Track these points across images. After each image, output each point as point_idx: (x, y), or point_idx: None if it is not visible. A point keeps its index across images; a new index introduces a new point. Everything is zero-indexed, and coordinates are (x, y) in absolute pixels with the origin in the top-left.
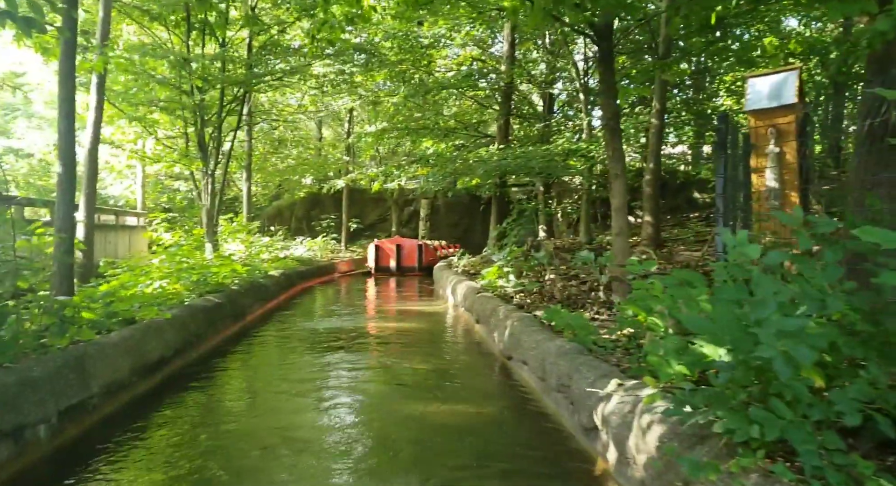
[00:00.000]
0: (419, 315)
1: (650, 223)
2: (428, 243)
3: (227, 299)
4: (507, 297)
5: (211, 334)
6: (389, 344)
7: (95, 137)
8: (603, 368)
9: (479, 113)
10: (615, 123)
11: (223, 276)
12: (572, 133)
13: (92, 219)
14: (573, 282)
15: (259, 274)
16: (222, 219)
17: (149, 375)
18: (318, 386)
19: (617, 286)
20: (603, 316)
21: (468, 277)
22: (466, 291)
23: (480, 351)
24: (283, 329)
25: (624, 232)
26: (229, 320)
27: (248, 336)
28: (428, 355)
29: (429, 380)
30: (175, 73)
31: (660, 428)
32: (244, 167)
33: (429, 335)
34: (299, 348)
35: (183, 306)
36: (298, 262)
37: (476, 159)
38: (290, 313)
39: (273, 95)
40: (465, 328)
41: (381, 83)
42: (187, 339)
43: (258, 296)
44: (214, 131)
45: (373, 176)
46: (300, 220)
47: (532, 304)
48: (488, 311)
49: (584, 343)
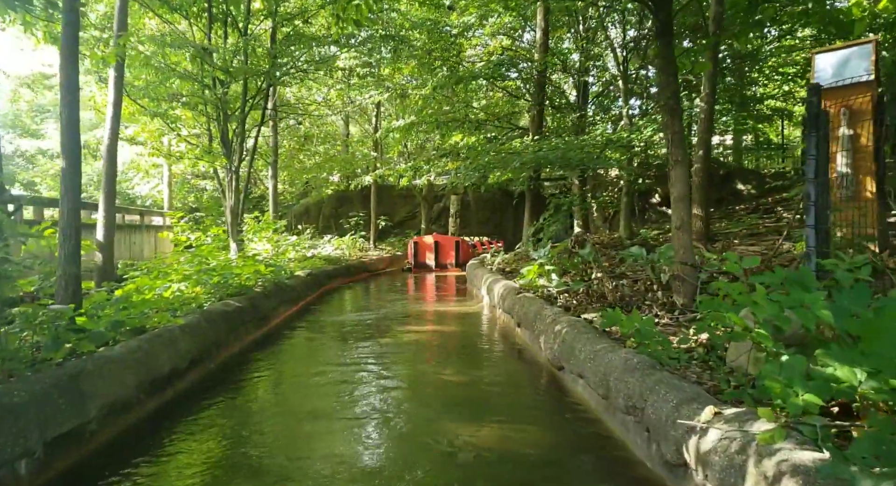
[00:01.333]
0: (453, 317)
1: (699, 216)
2: (466, 239)
3: (249, 302)
4: (550, 298)
5: (232, 341)
6: (424, 351)
7: (114, 133)
8: (686, 388)
9: (510, 104)
10: (675, 102)
11: (246, 277)
12: (608, 123)
13: (112, 218)
14: (623, 281)
15: (284, 275)
16: (248, 218)
17: (159, 391)
18: (346, 403)
19: (679, 286)
20: (664, 319)
21: (503, 275)
22: (504, 291)
23: (524, 359)
24: (309, 335)
25: (686, 225)
26: (252, 326)
27: (272, 343)
28: (466, 365)
29: (470, 395)
30: (196, 67)
31: (796, 482)
32: (270, 164)
33: (465, 340)
34: (326, 355)
35: (200, 312)
36: (326, 261)
37: (510, 151)
38: (315, 317)
39: (299, 90)
40: (504, 332)
41: (408, 77)
42: (204, 348)
43: (283, 298)
44: (238, 127)
45: (401, 171)
46: (328, 218)
47: (579, 306)
48: (531, 314)
49: (656, 356)
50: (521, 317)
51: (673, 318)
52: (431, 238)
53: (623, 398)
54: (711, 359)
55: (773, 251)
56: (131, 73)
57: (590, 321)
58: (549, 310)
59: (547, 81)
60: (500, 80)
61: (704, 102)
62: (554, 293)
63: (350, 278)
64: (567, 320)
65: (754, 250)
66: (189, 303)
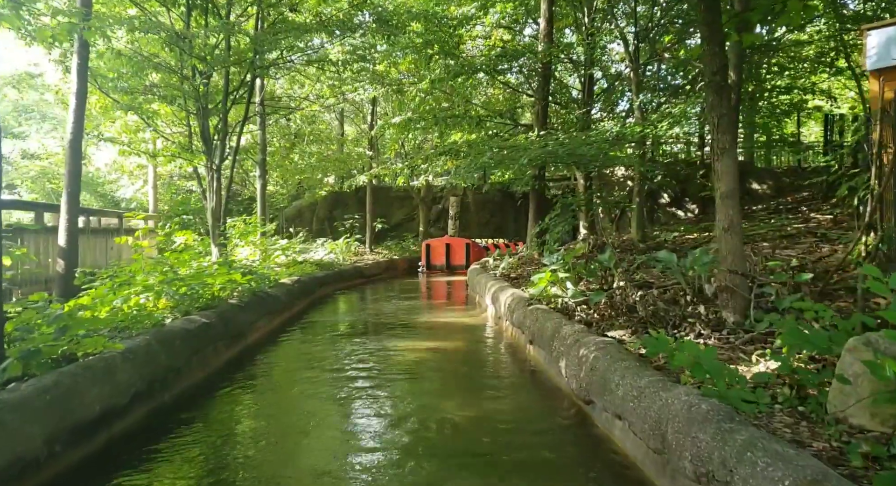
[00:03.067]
0: (455, 331)
1: None
2: (477, 241)
3: (219, 316)
4: (566, 310)
5: (195, 366)
6: (422, 375)
7: (78, 126)
8: (798, 460)
9: (512, 100)
10: (722, 78)
11: (219, 287)
12: (617, 120)
13: (75, 221)
14: (653, 291)
15: (269, 283)
16: (236, 220)
17: (85, 439)
18: (333, 450)
19: (727, 299)
20: (711, 340)
21: (509, 281)
22: (512, 301)
23: (540, 386)
24: (292, 353)
25: (736, 227)
26: (223, 345)
27: (245, 366)
28: (472, 396)
29: (479, 439)
30: (173, 56)
31: None
32: (257, 163)
33: (470, 361)
34: (310, 380)
35: (154, 331)
36: (317, 266)
37: (514, 147)
38: (301, 331)
39: (290, 86)
40: (514, 349)
41: (404, 74)
42: (155, 377)
43: (264, 310)
44: (220, 123)
45: (397, 170)
46: (322, 221)
47: (603, 321)
48: (548, 331)
49: (729, 399)
50: (535, 334)
51: (722, 338)
52: (443, 241)
53: (691, 461)
54: (807, 405)
55: (814, 256)
56: (105, 64)
57: (620, 341)
58: (569, 327)
59: (551, 74)
60: (501, 74)
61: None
62: (571, 305)
63: (344, 284)
64: (594, 341)
65: (788, 254)
66: (143, 320)
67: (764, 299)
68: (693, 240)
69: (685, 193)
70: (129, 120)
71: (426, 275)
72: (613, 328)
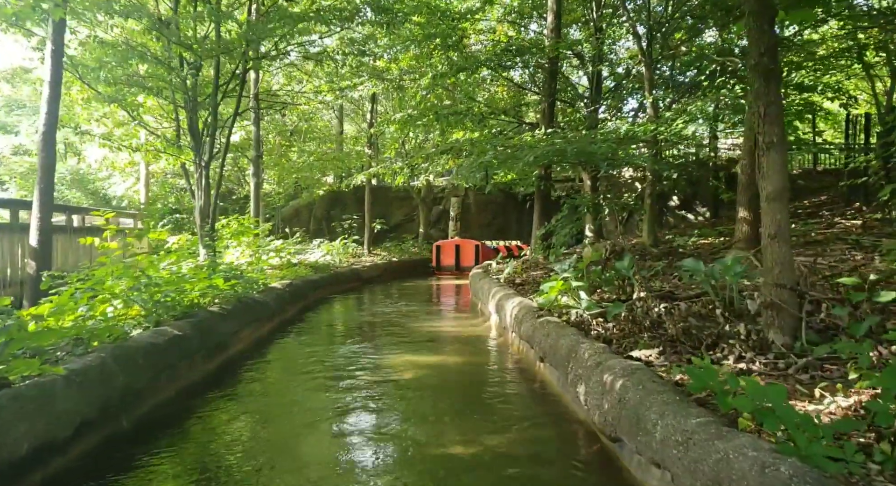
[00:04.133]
0: (456, 343)
1: (746, 220)
2: (487, 243)
3: (196, 327)
4: (581, 325)
5: (163, 384)
6: (419, 398)
7: (52, 118)
8: None
9: (517, 98)
10: (771, 60)
11: (199, 293)
12: (626, 119)
13: (48, 219)
14: (679, 304)
15: (257, 287)
16: (230, 219)
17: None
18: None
19: (773, 317)
20: (755, 365)
21: (513, 288)
22: (520, 311)
23: (554, 415)
24: (277, 367)
25: (784, 233)
26: (200, 358)
27: (226, 381)
28: (475, 424)
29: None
30: (161, 46)
31: None
32: (251, 160)
33: (473, 382)
34: (293, 405)
35: (111, 348)
36: (313, 269)
37: (520, 145)
38: (290, 340)
39: (287, 82)
40: (522, 367)
41: (405, 70)
42: (109, 401)
43: (250, 317)
44: (209, 117)
45: (396, 169)
46: (319, 221)
47: (624, 337)
48: (562, 349)
49: (811, 458)
50: (547, 351)
51: (769, 363)
52: (452, 242)
53: None
54: None
55: (848, 265)
56: (89, 53)
57: (647, 364)
58: (587, 345)
59: (558, 71)
60: (505, 69)
61: None
62: (586, 317)
63: (340, 287)
64: (619, 365)
65: (820, 263)
66: (103, 334)
67: (815, 317)
68: (709, 245)
69: (695, 196)
70: (119, 115)
71: (441, 274)
72: (637, 347)
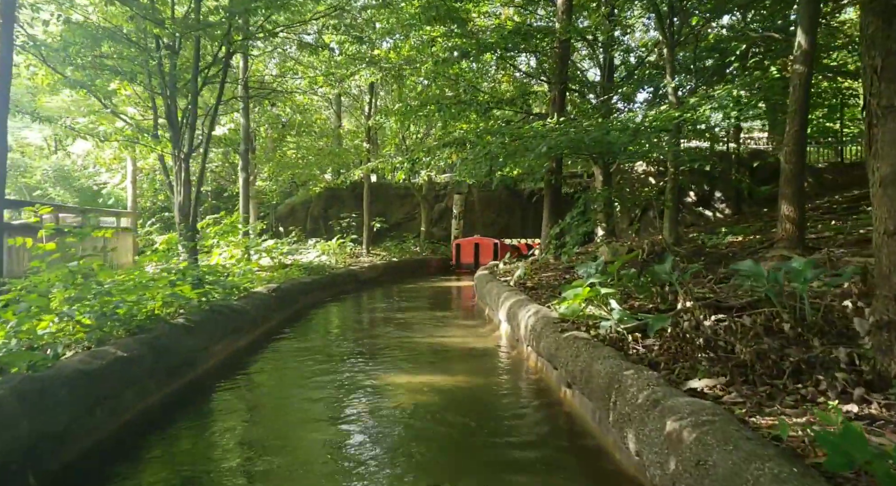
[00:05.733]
0: (462, 358)
1: (790, 218)
2: (506, 241)
3: (149, 345)
4: (618, 343)
5: (101, 418)
6: (418, 437)
7: (2, 99)
8: None
9: (523, 87)
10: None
11: (162, 303)
12: (633, 114)
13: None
14: (741, 317)
15: (237, 292)
16: (216, 217)
17: None
18: None
19: (891, 341)
20: (871, 408)
21: (526, 293)
22: (537, 322)
23: (593, 468)
24: (249, 393)
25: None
26: (155, 383)
27: (189, 409)
28: (487, 479)
29: None
30: (135, 27)
31: None
32: (240, 154)
33: (483, 411)
34: (258, 446)
35: (21, 379)
36: (306, 270)
37: (530, 135)
38: (270, 356)
39: (280, 70)
40: (542, 393)
41: (406, 60)
42: (9, 455)
43: (227, 328)
44: (189, 105)
45: (396, 164)
46: (316, 219)
47: (672, 359)
48: (599, 377)
49: None
50: (577, 375)
51: (891, 405)
52: (472, 240)
53: None
54: None
55: None
56: (57, 33)
57: (717, 400)
58: (633, 374)
59: (569, 56)
60: (512, 56)
61: (800, 61)
62: (621, 331)
63: (335, 290)
64: (687, 407)
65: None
66: (18, 360)
67: None
68: (741, 244)
69: (713, 191)
70: (89, 101)
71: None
72: (696, 375)
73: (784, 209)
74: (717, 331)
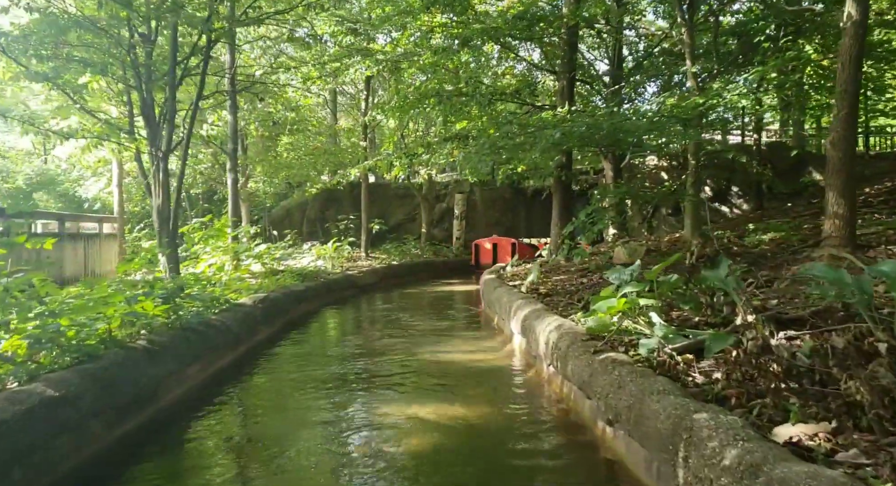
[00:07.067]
0: (470, 381)
1: (839, 213)
2: (524, 240)
3: (91, 378)
4: (667, 367)
5: (16, 481)
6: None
7: None
8: None
9: (527, 79)
10: None
11: (119, 322)
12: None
13: None
14: (832, 336)
15: (217, 305)
16: (203, 220)
17: None
18: None
19: None
20: None
21: (541, 300)
22: (560, 338)
23: None
24: (221, 428)
25: None
26: (102, 425)
27: (146, 452)
28: None
29: None
30: (106, 13)
31: None
32: (227, 153)
33: (500, 462)
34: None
35: None
36: (300, 276)
37: (539, 126)
38: (249, 380)
39: (271, 65)
40: (573, 431)
41: (403, 53)
42: None
43: (200, 348)
44: (167, 99)
45: (394, 160)
46: (313, 222)
47: (740, 389)
48: (659, 420)
49: None
50: (622, 412)
51: None
52: (490, 240)
53: None
54: None
55: None
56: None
57: (830, 458)
58: (708, 419)
59: (577, 44)
60: (518, 40)
61: (850, 35)
62: (669, 353)
63: (331, 297)
64: (794, 477)
65: None
66: None
67: None
68: (779, 243)
69: (729, 186)
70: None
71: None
72: (790, 418)
73: (832, 203)
74: (794, 353)
